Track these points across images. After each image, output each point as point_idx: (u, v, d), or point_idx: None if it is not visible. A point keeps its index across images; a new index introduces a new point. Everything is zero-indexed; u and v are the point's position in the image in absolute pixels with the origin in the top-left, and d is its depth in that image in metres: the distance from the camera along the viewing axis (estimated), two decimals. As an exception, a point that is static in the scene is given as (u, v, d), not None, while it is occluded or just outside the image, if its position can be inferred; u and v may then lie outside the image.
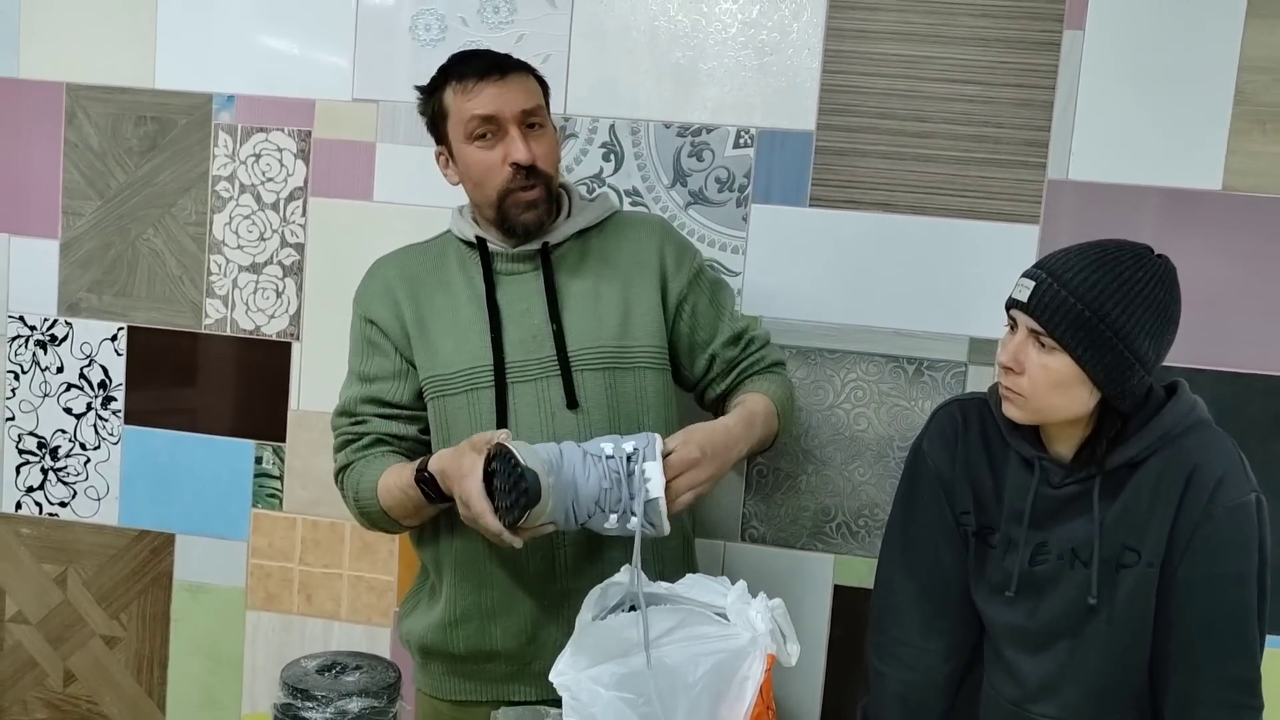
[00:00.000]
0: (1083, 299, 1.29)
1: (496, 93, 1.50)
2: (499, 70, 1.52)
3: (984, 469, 1.46)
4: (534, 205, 1.52)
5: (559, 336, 1.52)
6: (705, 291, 1.64)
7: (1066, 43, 1.79)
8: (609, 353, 1.54)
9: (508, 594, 1.54)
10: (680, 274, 1.61)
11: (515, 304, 1.55)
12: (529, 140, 1.51)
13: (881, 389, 1.88)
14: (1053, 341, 1.31)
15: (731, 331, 1.64)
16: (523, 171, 1.50)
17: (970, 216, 1.83)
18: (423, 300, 1.58)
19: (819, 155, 1.86)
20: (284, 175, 2.00)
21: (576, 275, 1.57)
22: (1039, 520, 1.42)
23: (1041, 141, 1.81)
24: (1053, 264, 1.34)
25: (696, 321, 1.62)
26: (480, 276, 1.56)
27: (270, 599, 2.06)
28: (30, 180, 2.06)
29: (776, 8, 1.85)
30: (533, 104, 1.53)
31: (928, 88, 1.82)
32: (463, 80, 1.52)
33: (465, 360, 1.53)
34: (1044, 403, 1.34)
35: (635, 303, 1.57)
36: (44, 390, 2.09)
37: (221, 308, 2.03)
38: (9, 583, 2.13)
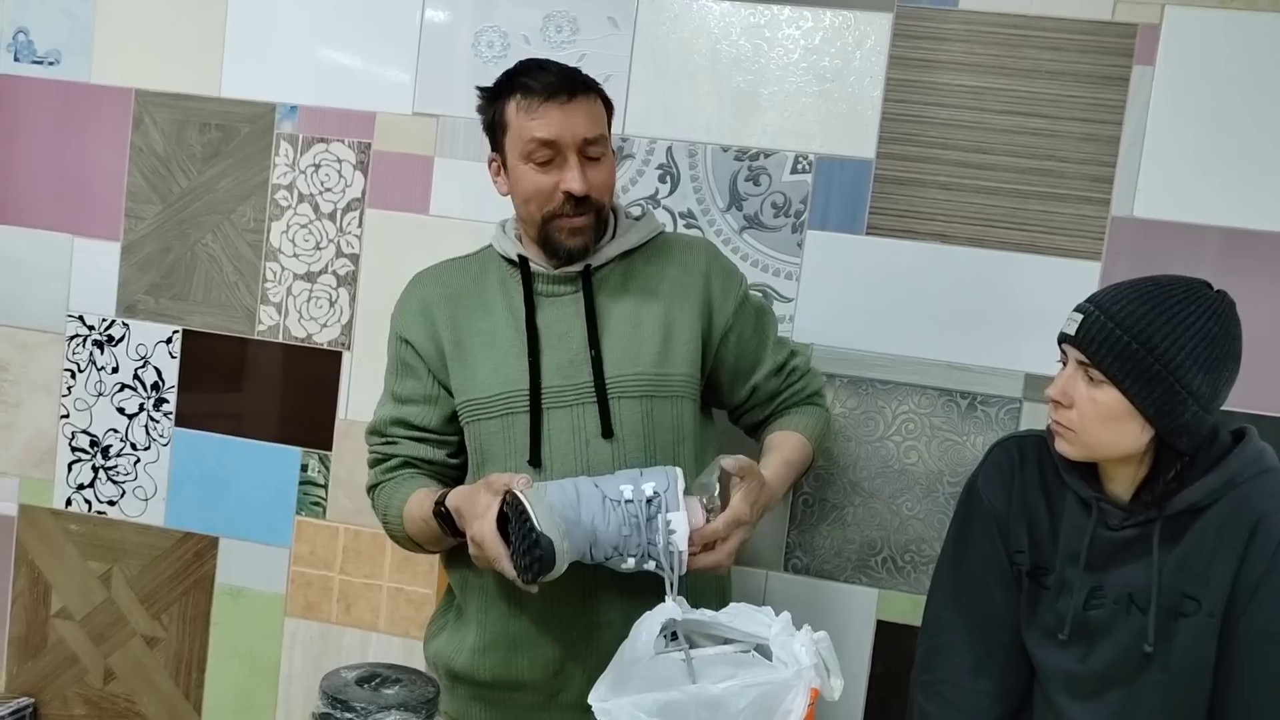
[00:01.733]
0: (1129, 330, 1.28)
1: (560, 117, 1.46)
2: (566, 92, 1.47)
3: (1040, 507, 1.43)
4: (581, 232, 1.50)
5: (597, 362, 1.49)
6: (750, 319, 1.61)
7: (1135, 78, 1.76)
8: (647, 380, 1.51)
9: (536, 625, 1.51)
10: (727, 302, 1.57)
11: (554, 327, 1.52)
12: (586, 169, 1.47)
13: (933, 422, 1.85)
14: (1100, 374, 1.29)
15: (775, 362, 1.61)
16: (573, 200, 1.48)
17: (1030, 251, 1.81)
18: (461, 321, 1.56)
19: (878, 183, 1.84)
20: (342, 186, 2.01)
21: (618, 299, 1.54)
22: (1095, 563, 1.38)
23: (1106, 177, 1.78)
24: (1101, 297, 1.33)
25: (741, 350, 1.59)
26: (520, 297, 1.54)
27: (310, 607, 2.06)
28: (95, 183, 2.10)
29: (840, 35, 1.84)
30: (595, 132, 1.48)
31: (991, 119, 1.80)
32: (528, 97, 1.47)
33: (502, 384, 1.51)
34: (1094, 438, 1.32)
35: (676, 330, 1.54)
36: (99, 389, 2.12)
37: (275, 315, 2.05)
38: (56, 578, 2.16)
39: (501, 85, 1.52)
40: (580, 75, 1.52)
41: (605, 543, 1.31)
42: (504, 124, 1.51)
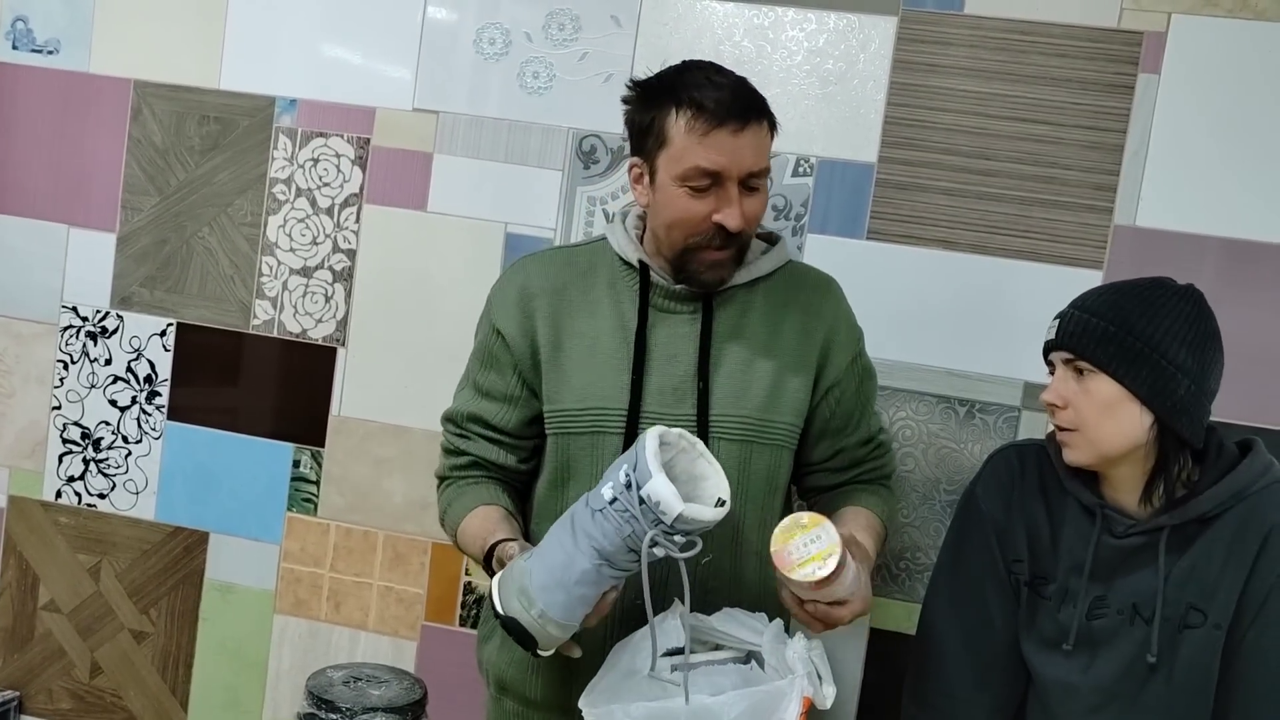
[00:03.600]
0: (1105, 317, 1.30)
1: (731, 147, 1.34)
2: (740, 118, 1.34)
3: (1040, 516, 1.42)
4: (722, 266, 1.40)
5: (703, 396, 1.40)
6: (855, 379, 1.51)
7: (1141, 86, 1.75)
8: (752, 425, 1.42)
9: (594, 651, 1.36)
10: (843, 356, 1.48)
11: (664, 346, 1.43)
12: (744, 202, 1.37)
13: (931, 429, 1.83)
14: (1087, 364, 1.30)
15: (868, 432, 1.52)
16: (724, 233, 1.37)
17: (1032, 258, 1.79)
18: (563, 320, 1.45)
19: (879, 188, 1.83)
20: (340, 181, 2.00)
21: (736, 330, 1.44)
22: (1099, 572, 1.36)
23: (1110, 186, 1.76)
24: (1077, 300, 1.37)
25: (840, 409, 1.49)
26: (632, 305, 1.44)
27: (299, 604, 2.05)
28: (93, 173, 2.08)
29: (844, 38, 1.83)
30: (761, 165, 1.37)
31: (995, 125, 1.79)
32: (699, 117, 1.34)
33: (597, 399, 1.42)
34: (1097, 433, 1.31)
35: (789, 375, 1.44)
36: (91, 381, 2.11)
37: (270, 309, 2.03)
38: (44, 570, 2.14)
39: (668, 91, 1.38)
40: (754, 97, 1.39)
41: (617, 554, 1.21)
42: (664, 136, 1.37)
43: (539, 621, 1.22)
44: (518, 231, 1.94)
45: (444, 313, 1.96)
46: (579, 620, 1.24)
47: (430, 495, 1.63)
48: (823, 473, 1.53)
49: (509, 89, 1.93)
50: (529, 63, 1.93)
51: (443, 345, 1.95)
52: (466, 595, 1.98)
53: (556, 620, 1.22)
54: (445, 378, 1.64)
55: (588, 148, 1.91)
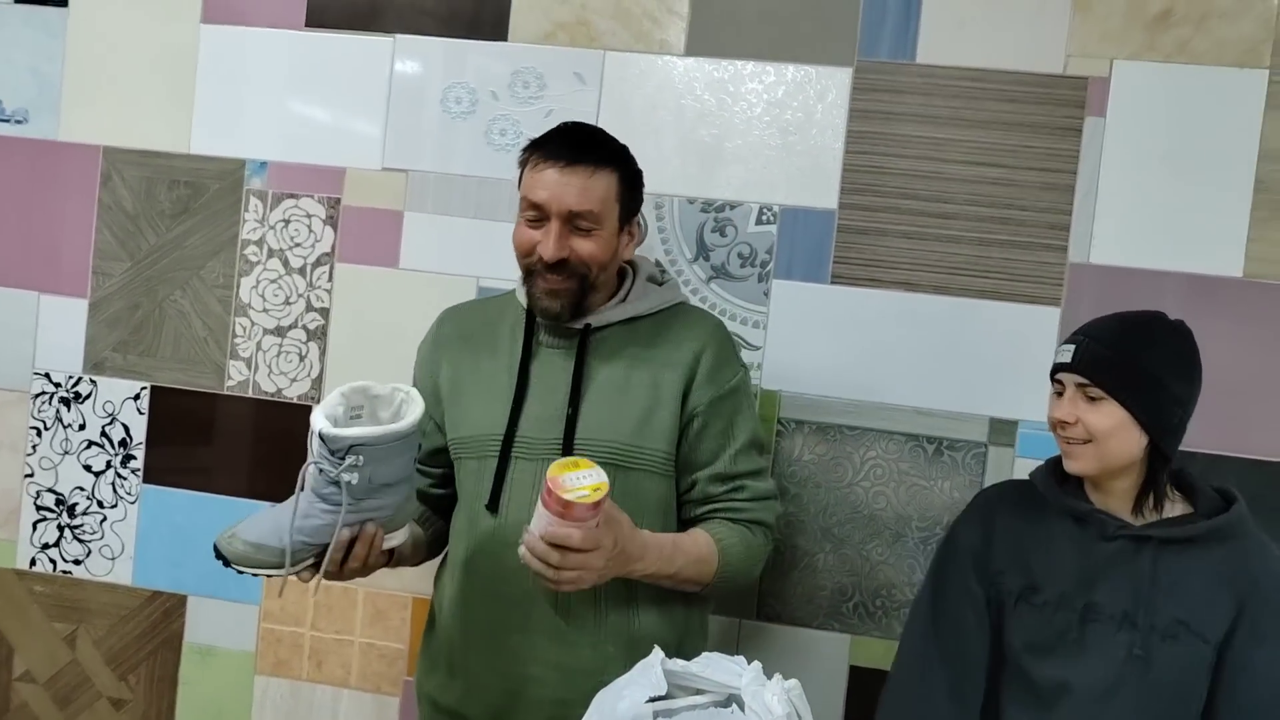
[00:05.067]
0: (1119, 351, 1.45)
1: (555, 181, 1.48)
2: (567, 159, 1.48)
3: (1025, 533, 1.53)
4: (557, 295, 1.51)
5: (571, 421, 1.50)
6: (724, 417, 1.55)
7: (1088, 129, 1.81)
8: (618, 449, 1.50)
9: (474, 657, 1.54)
10: (707, 389, 1.54)
11: (544, 379, 1.55)
12: (569, 237, 1.49)
13: (901, 468, 1.87)
14: (1099, 391, 1.45)
15: (726, 470, 1.55)
16: (546, 262, 1.49)
17: (992, 297, 1.84)
18: (465, 361, 1.60)
19: (841, 233, 1.88)
20: (312, 240, 2.02)
21: (610, 362, 1.54)
22: (1090, 577, 1.47)
23: (1064, 225, 1.82)
24: (1088, 329, 1.51)
25: (700, 442, 1.54)
26: (520, 345, 1.57)
27: (280, 664, 2.04)
28: (63, 240, 2.09)
29: (802, 89, 1.88)
30: (584, 207, 1.48)
31: (950, 169, 1.84)
32: (535, 153, 1.51)
33: (484, 427, 1.55)
34: (1104, 448, 1.46)
35: (660, 403, 1.53)
36: (65, 448, 2.10)
37: (244, 370, 2.04)
38: (19, 640, 2.12)
39: (534, 141, 1.54)
40: (595, 148, 1.52)
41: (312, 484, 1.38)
42: (520, 174, 1.54)
43: (227, 539, 1.38)
44: (489, 285, 1.96)
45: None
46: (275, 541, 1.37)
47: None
48: (684, 504, 1.58)
49: (477, 146, 1.97)
50: (495, 120, 1.96)
51: (418, 400, 1.96)
52: (448, 649, 1.98)
53: (244, 538, 1.38)
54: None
55: (556, 202, 1.95)
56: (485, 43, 1.96)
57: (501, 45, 1.96)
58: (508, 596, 1.51)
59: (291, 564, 1.37)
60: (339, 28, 2.00)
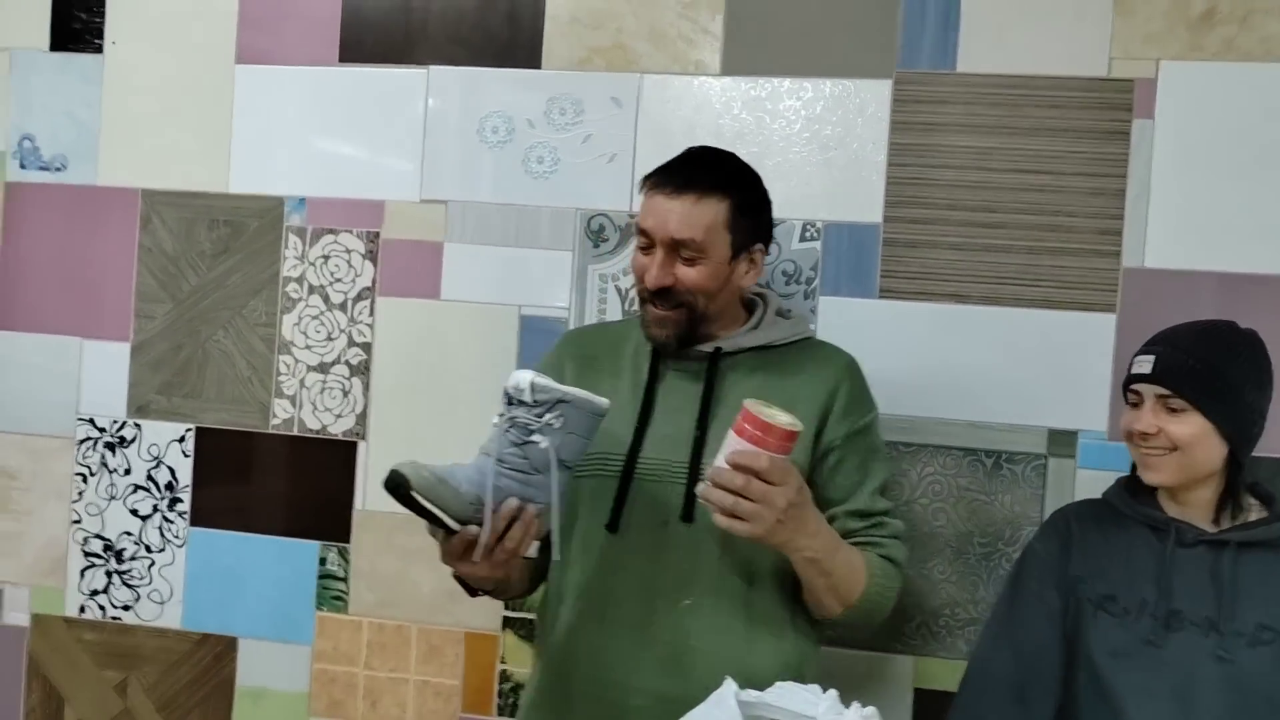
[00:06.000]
0: (1200, 360, 1.45)
1: (661, 208, 1.47)
2: (674, 184, 1.47)
3: (1101, 543, 1.52)
4: (663, 324, 1.49)
5: (698, 444, 1.46)
6: (859, 454, 1.52)
7: (1136, 131, 1.78)
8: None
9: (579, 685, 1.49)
10: (842, 424, 1.51)
11: (670, 401, 1.51)
12: (673, 265, 1.47)
13: (959, 483, 1.83)
14: (1182, 402, 1.44)
15: (866, 507, 1.52)
16: (652, 291, 1.48)
17: (1045, 306, 1.81)
18: (587, 382, 1.52)
19: (887, 247, 1.85)
20: (352, 276, 2.01)
21: (740, 388, 1.50)
22: (1170, 583, 1.46)
23: (1115, 230, 1.79)
24: (1165, 338, 1.50)
25: (836, 478, 1.51)
26: (648, 365, 1.54)
27: (334, 705, 2.01)
28: (105, 284, 2.09)
29: (841, 103, 1.87)
30: (687, 235, 1.45)
31: (996, 178, 1.82)
32: (648, 179, 1.51)
33: (605, 447, 1.49)
34: (1189, 458, 1.45)
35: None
36: (111, 493, 2.09)
37: (289, 408, 2.03)
38: (69, 691, 2.10)
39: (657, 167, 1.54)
40: (705, 173, 1.49)
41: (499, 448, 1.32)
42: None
43: (411, 465, 1.28)
44: (531, 314, 1.95)
45: (462, 399, 1.96)
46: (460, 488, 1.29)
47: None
48: None
49: (514, 174, 1.96)
50: (533, 148, 1.96)
51: (462, 431, 1.93)
52: (503, 684, 1.95)
53: (431, 470, 1.29)
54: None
55: (596, 226, 1.93)
56: (520, 70, 1.96)
57: (536, 73, 1.95)
58: (619, 622, 1.47)
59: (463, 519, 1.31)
60: (372, 62, 2.01)
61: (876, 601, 1.49)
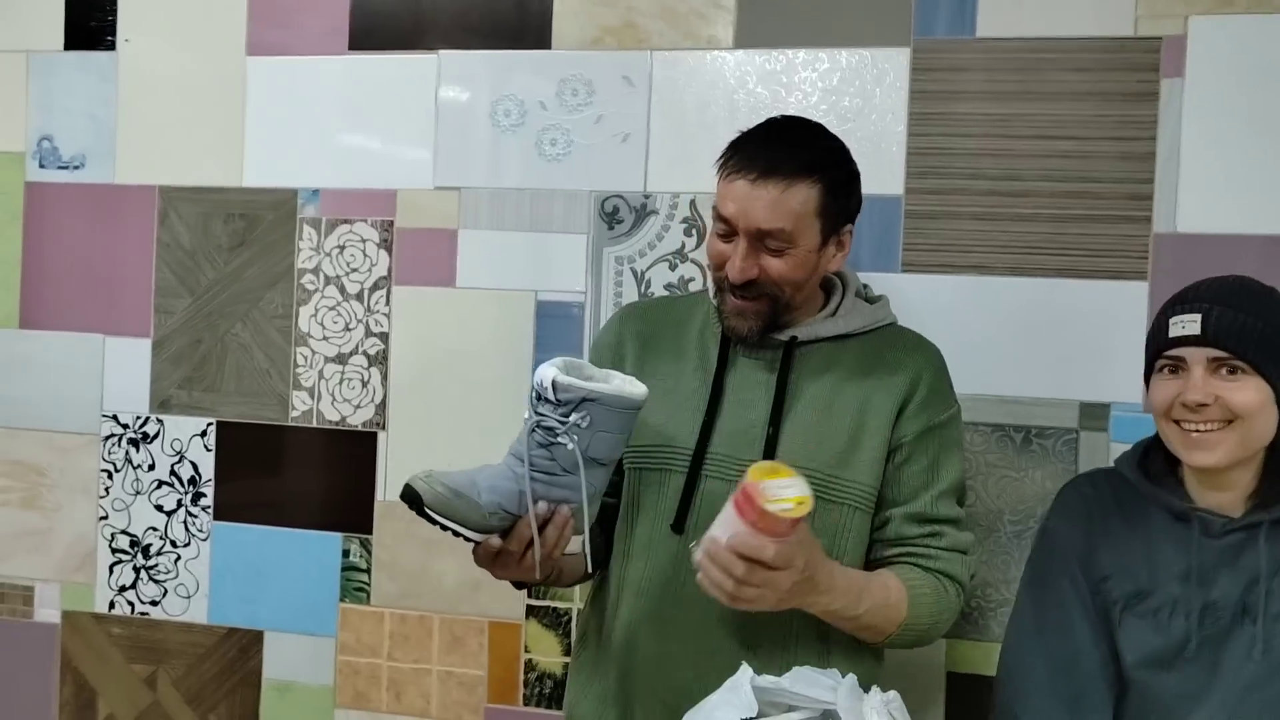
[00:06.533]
0: (1260, 316, 1.26)
1: (744, 195, 1.34)
2: (759, 169, 1.34)
3: (1124, 533, 1.37)
4: (744, 316, 1.39)
5: (771, 442, 1.38)
6: (929, 453, 1.42)
7: (1165, 91, 1.72)
8: (820, 480, 1.36)
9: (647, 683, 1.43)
10: (916, 419, 1.42)
11: (740, 391, 1.42)
12: (758, 256, 1.36)
13: (988, 459, 1.78)
14: (1244, 364, 1.26)
15: (926, 511, 1.41)
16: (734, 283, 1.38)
17: (1073, 275, 1.75)
18: (649, 363, 1.47)
19: (909, 219, 1.80)
20: (368, 266, 2.00)
21: (816, 381, 1.42)
22: (1204, 577, 1.32)
23: (1145, 195, 1.73)
24: (1209, 294, 1.30)
25: (900, 476, 1.42)
26: (716, 351, 1.45)
27: (359, 697, 2.00)
28: (124, 281, 2.10)
29: (858, 74, 1.82)
30: (774, 225, 1.34)
31: (1020, 145, 1.76)
32: (728, 160, 1.38)
33: (669, 438, 1.43)
34: (1249, 430, 1.27)
35: (867, 433, 1.40)
36: (136, 488, 2.10)
37: (308, 399, 2.03)
38: (101, 684, 2.12)
39: (732, 141, 1.42)
40: (792, 154, 1.36)
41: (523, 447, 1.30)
42: (718, 178, 1.41)
43: (426, 480, 1.27)
44: (548, 298, 1.92)
45: (480, 385, 1.95)
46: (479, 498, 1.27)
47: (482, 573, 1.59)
48: (874, 543, 1.44)
49: (528, 158, 1.94)
50: (546, 130, 1.93)
51: (482, 418, 1.93)
52: (528, 673, 1.93)
53: (446, 484, 1.27)
54: (487, 450, 1.60)
55: (610, 208, 1.91)
56: (530, 53, 1.93)
57: (547, 54, 1.93)
58: (683, 625, 1.40)
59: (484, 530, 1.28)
60: (382, 49, 1.99)
61: (921, 629, 1.40)
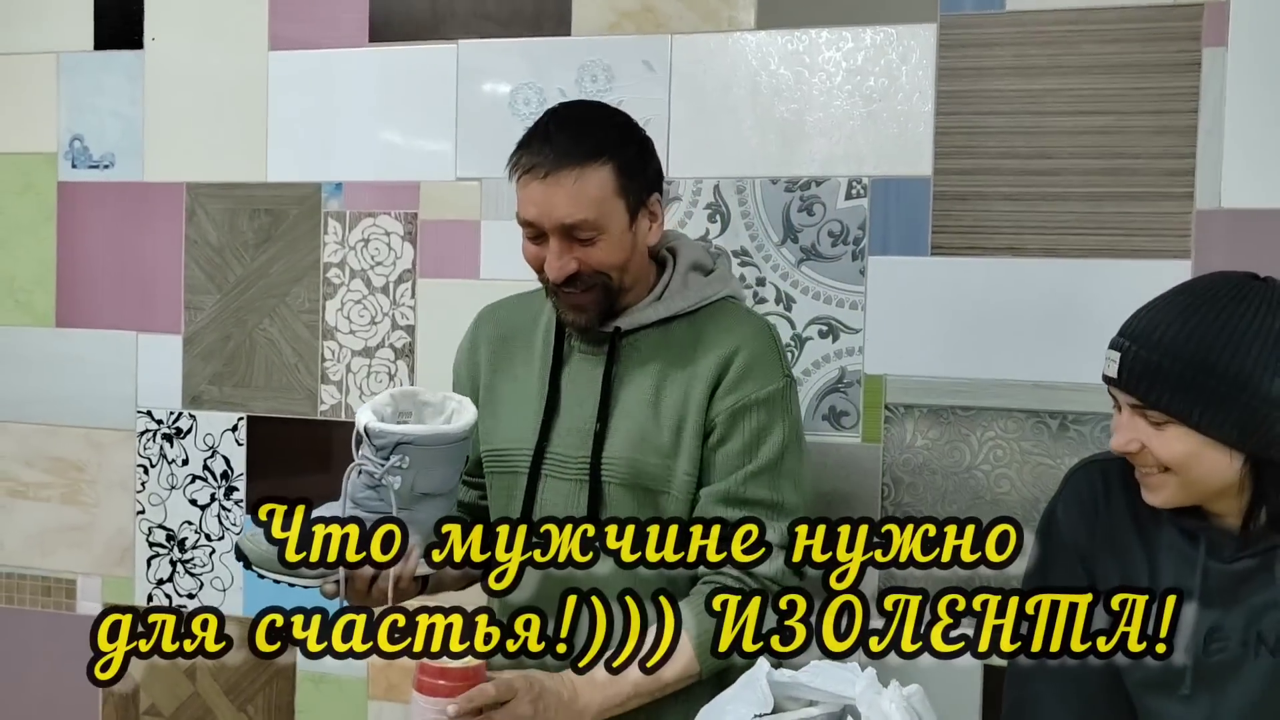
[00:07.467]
0: (1177, 356, 1.10)
1: (540, 195, 1.31)
2: (546, 167, 1.30)
3: (1131, 540, 1.26)
4: (581, 309, 1.37)
5: (599, 438, 1.37)
6: (743, 433, 1.35)
7: (1207, 61, 1.64)
8: (649, 470, 1.36)
9: None
10: (727, 398, 1.35)
11: (575, 389, 1.42)
12: (571, 250, 1.32)
13: (1023, 447, 1.73)
14: (1160, 415, 1.12)
15: (734, 492, 1.34)
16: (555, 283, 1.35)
17: (1110, 255, 1.69)
18: (501, 366, 1.48)
19: (938, 201, 1.75)
20: (392, 258, 2.00)
21: (642, 370, 1.39)
22: (1210, 600, 1.20)
23: (1186, 170, 1.66)
24: (1135, 327, 1.16)
25: (714, 459, 1.36)
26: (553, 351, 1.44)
27: (392, 688, 2.01)
28: (155, 278, 2.12)
29: (883, 52, 1.77)
30: (577, 217, 1.30)
31: (1052, 122, 1.70)
32: (515, 164, 1.35)
33: (515, 440, 1.43)
34: (1188, 477, 1.15)
35: (690, 418, 1.36)
36: (171, 483, 2.12)
37: (336, 393, 2.03)
38: (142, 676, 2.15)
39: (518, 143, 1.39)
40: (574, 142, 1.32)
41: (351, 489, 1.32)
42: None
43: (250, 538, 1.33)
44: (572, 288, 1.90)
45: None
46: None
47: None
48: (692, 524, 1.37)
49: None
50: (563, 111, 1.90)
51: (508, 411, 1.92)
52: (557, 665, 1.93)
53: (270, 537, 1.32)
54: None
55: (633, 196, 1.87)
56: (549, 39, 1.91)
57: (566, 40, 1.90)
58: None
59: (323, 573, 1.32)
60: (402, 40, 1.98)
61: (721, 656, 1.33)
